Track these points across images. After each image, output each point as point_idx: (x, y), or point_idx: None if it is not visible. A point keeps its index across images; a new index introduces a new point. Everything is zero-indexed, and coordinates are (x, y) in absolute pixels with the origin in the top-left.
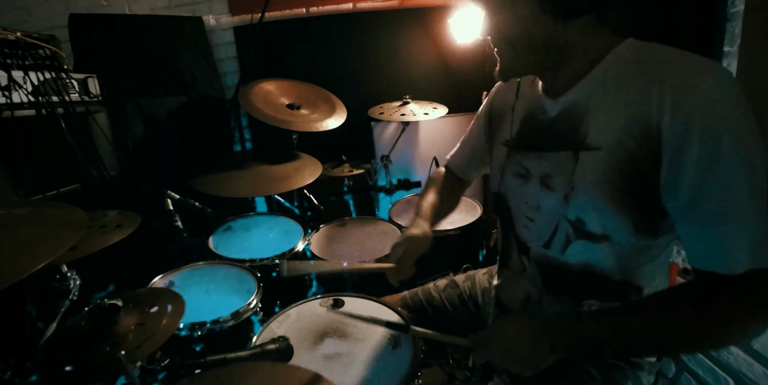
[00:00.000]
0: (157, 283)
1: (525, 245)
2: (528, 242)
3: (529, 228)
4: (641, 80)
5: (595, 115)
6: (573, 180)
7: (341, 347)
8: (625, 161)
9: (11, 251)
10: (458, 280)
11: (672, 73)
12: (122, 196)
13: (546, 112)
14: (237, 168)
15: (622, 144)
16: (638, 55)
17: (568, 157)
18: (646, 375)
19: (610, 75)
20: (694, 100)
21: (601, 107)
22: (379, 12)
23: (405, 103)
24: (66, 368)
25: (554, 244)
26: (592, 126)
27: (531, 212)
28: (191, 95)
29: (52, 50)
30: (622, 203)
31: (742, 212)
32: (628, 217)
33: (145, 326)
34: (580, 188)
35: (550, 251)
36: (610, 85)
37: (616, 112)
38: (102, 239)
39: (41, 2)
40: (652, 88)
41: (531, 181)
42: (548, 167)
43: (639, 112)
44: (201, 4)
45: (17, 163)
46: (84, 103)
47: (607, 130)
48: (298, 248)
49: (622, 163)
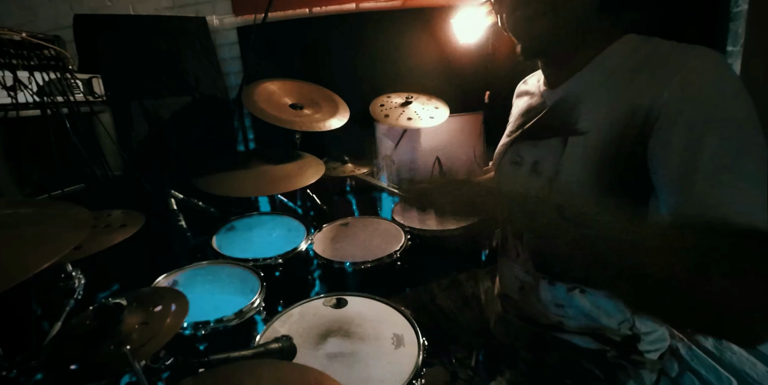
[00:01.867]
0: (161, 282)
1: (519, 230)
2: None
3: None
4: (633, 67)
5: (587, 104)
6: (559, 165)
7: (344, 347)
8: (612, 142)
9: (17, 250)
10: (461, 279)
11: (662, 56)
12: (126, 195)
13: (544, 102)
14: (240, 168)
15: (610, 126)
16: (634, 47)
17: (557, 143)
18: (648, 373)
19: (607, 66)
20: (682, 73)
21: (593, 96)
22: (382, 12)
23: (407, 103)
24: (71, 367)
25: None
26: (583, 113)
27: None
28: (195, 95)
29: (57, 51)
30: (608, 184)
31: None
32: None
33: (150, 325)
34: (564, 173)
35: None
36: (603, 75)
37: (606, 97)
38: (106, 239)
39: (46, 3)
40: (642, 70)
41: (523, 168)
42: (539, 154)
43: (629, 94)
44: (204, 4)
45: (23, 162)
46: (88, 104)
47: (596, 115)
48: (301, 247)
49: (608, 144)
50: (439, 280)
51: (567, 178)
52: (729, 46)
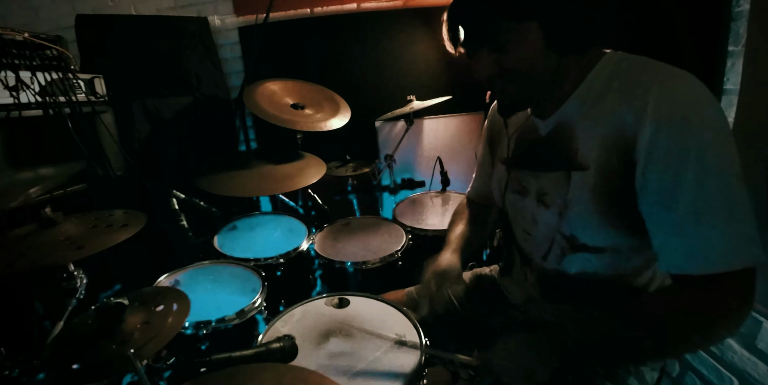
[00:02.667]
0: (162, 282)
1: (528, 257)
2: (530, 254)
3: (527, 241)
4: (617, 95)
5: (581, 133)
6: (567, 199)
7: (346, 347)
8: (611, 179)
9: None
10: (464, 276)
11: (644, 85)
12: (128, 195)
13: (537, 131)
14: (242, 168)
15: (607, 162)
16: (614, 71)
17: (561, 176)
18: (649, 371)
19: (591, 94)
20: (663, 108)
21: (584, 127)
22: (383, 12)
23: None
24: (73, 366)
25: (551, 256)
26: (581, 145)
27: (528, 226)
28: (196, 95)
29: (59, 51)
30: (614, 220)
31: (714, 212)
32: (620, 230)
33: (151, 325)
34: (574, 206)
35: (546, 263)
36: (590, 104)
37: (597, 130)
38: (108, 238)
39: (49, 3)
40: (629, 101)
41: (528, 198)
42: (543, 186)
43: (617, 128)
44: (206, 4)
45: (24, 162)
46: (90, 104)
47: (592, 150)
48: (303, 247)
49: (608, 181)
50: None
51: (577, 211)
52: (730, 46)
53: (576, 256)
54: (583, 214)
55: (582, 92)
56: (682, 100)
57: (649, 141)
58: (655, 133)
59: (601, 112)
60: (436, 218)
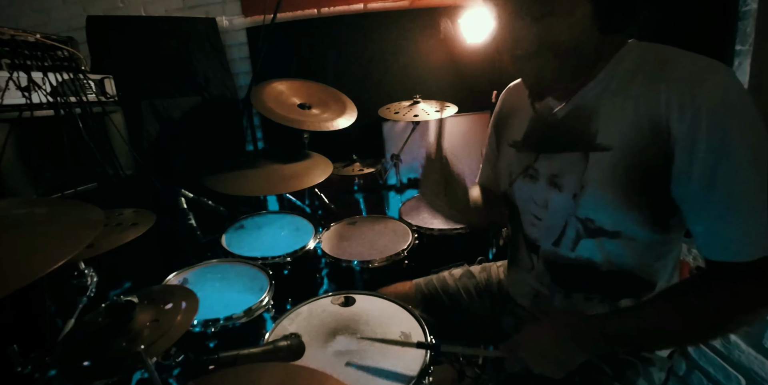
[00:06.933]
0: (171, 280)
1: (534, 244)
2: (537, 241)
3: (536, 226)
4: (646, 81)
5: (603, 116)
6: (583, 180)
7: (353, 345)
8: (636, 160)
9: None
10: (474, 270)
11: (677, 72)
12: (138, 194)
13: (554, 113)
14: (249, 167)
15: (632, 144)
16: (641, 57)
17: (578, 157)
18: (657, 371)
19: (616, 77)
20: (701, 96)
21: (608, 109)
22: (390, 12)
23: (415, 103)
24: (84, 363)
25: (564, 241)
26: (601, 127)
27: (538, 210)
28: (205, 95)
29: (70, 52)
30: (634, 201)
31: (752, 201)
32: (640, 214)
33: (160, 323)
34: (591, 188)
35: (560, 248)
36: (615, 87)
37: (624, 112)
38: (118, 237)
39: (60, 5)
40: (659, 87)
41: (539, 181)
42: (557, 167)
43: (647, 112)
44: (214, 5)
45: (36, 162)
46: (101, 104)
47: (616, 131)
48: (310, 246)
49: (632, 163)
50: (451, 269)
51: (592, 193)
52: (738, 45)
53: (591, 241)
54: (600, 194)
55: (607, 75)
56: (724, 88)
57: (690, 127)
58: (695, 120)
59: (627, 97)
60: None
